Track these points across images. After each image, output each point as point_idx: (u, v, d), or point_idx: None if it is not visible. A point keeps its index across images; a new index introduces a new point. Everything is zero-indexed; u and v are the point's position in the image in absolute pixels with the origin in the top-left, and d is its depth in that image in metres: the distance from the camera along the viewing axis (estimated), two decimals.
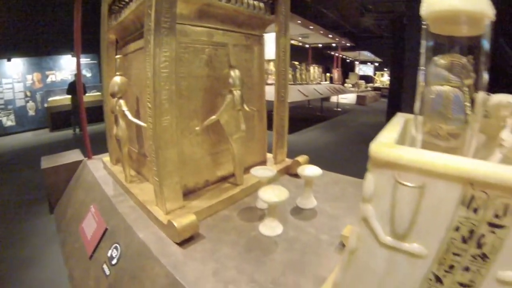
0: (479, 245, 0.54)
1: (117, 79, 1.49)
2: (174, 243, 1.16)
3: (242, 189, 1.51)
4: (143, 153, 1.66)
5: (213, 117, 1.36)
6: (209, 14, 1.40)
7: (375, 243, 0.62)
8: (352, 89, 11.98)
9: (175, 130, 1.24)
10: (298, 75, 6.87)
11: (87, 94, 6.35)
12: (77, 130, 6.30)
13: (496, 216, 0.52)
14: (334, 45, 10.35)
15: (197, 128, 1.37)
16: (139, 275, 1.12)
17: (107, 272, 1.29)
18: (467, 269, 0.57)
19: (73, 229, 1.84)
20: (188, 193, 1.44)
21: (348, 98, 11.78)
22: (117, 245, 1.33)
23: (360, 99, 11.60)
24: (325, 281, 0.91)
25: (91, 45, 4.09)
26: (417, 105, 0.68)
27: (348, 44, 10.36)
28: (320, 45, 10.37)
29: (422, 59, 0.67)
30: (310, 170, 1.37)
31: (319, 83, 7.81)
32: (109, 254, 1.33)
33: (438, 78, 0.65)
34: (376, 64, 17.74)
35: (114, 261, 1.28)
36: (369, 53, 13.48)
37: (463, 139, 0.65)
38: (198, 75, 1.40)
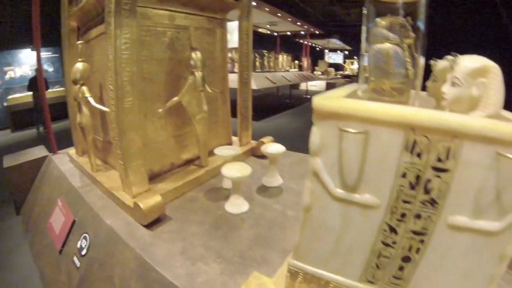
0: (427, 191, 0.56)
1: (79, 65, 1.45)
2: (142, 226, 1.16)
3: (207, 171, 1.52)
4: (108, 140, 1.62)
5: (175, 98, 1.35)
6: None
7: (327, 197, 0.63)
8: (322, 76, 12.07)
9: (138, 113, 1.22)
10: (266, 62, 6.82)
11: (49, 90, 5.96)
12: (41, 128, 5.87)
13: (439, 160, 0.54)
14: (303, 33, 10.21)
15: (160, 110, 1.34)
16: (109, 261, 1.11)
17: (78, 264, 1.26)
18: (418, 216, 0.59)
19: (41, 227, 1.78)
20: (154, 177, 1.43)
21: (317, 86, 11.94)
22: (86, 235, 1.30)
23: (330, 87, 11.72)
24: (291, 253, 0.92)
25: (52, 37, 3.83)
26: (361, 77, 0.71)
27: (317, 32, 10.32)
28: (288, 33, 10.23)
29: (364, 21, 0.68)
30: (274, 148, 1.38)
31: (288, 71, 7.79)
32: (78, 246, 1.30)
33: (379, 37, 0.67)
34: (346, 52, 17.95)
35: (83, 252, 1.26)
36: (339, 41, 13.59)
37: (407, 95, 0.67)
38: (160, 58, 1.38)
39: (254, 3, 3.72)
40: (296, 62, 9.15)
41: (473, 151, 0.52)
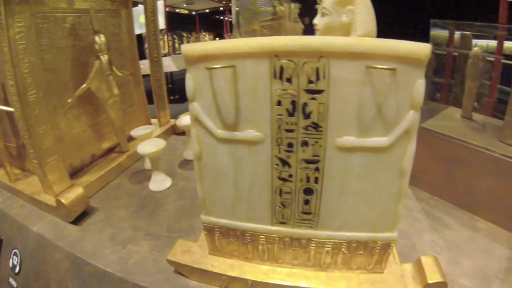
0: (307, 115, 0.55)
1: None
2: (69, 223, 1.07)
3: (128, 155, 1.44)
4: (22, 144, 1.45)
5: (84, 85, 1.24)
6: None
7: (213, 141, 0.60)
8: None
9: (46, 106, 1.11)
10: (185, 43, 6.58)
11: None
12: None
13: (311, 81, 0.52)
14: (222, 8, 9.35)
15: (69, 100, 1.22)
16: (43, 269, 1.02)
17: (14, 284, 1.15)
18: (305, 143, 0.57)
19: None
20: (76, 172, 1.32)
21: None
22: (15, 250, 1.18)
23: None
24: None
25: None
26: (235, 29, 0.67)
27: None
28: (207, 11, 9.68)
29: None
30: (188, 119, 1.32)
31: None
32: (10, 265, 1.18)
33: None
34: None
35: (17, 270, 1.14)
36: None
37: (279, 31, 0.65)
38: (63, 46, 1.25)
39: None
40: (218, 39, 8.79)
41: (342, 68, 0.51)
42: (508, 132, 1.08)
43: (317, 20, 0.64)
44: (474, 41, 1.32)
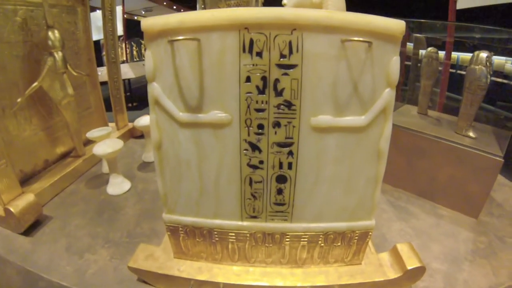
0: (279, 92, 0.47)
1: None
2: (20, 234, 0.94)
3: (85, 160, 1.30)
4: None
5: (35, 84, 1.08)
6: None
7: (175, 126, 0.52)
8: None
9: None
10: (143, 51, 6.38)
11: None
12: None
13: (283, 56, 0.45)
14: None
15: (18, 100, 1.06)
16: None
17: None
18: (278, 124, 0.50)
19: None
20: (28, 178, 1.16)
21: None
22: None
23: None
24: None
25: None
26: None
27: None
28: None
29: None
30: (147, 119, 1.22)
31: None
32: None
33: None
34: None
35: None
36: None
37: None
38: (12, 41, 1.09)
39: None
40: None
41: (316, 42, 0.45)
42: (463, 124, 1.09)
43: (286, 0, 0.57)
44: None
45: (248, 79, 0.46)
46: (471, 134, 1.08)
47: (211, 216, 0.60)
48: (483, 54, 1.04)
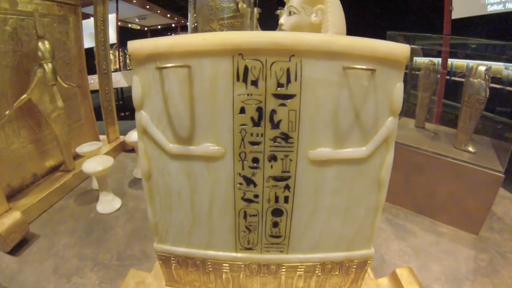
0: (275, 124, 0.43)
1: None
2: (6, 253, 0.89)
3: (75, 174, 1.25)
4: None
5: (24, 96, 1.04)
6: None
7: (165, 157, 0.47)
8: None
9: None
10: None
11: None
12: None
13: (280, 85, 0.41)
14: (173, 25, 9.52)
15: (6, 113, 1.01)
16: None
17: None
18: (274, 158, 0.45)
19: None
20: (15, 193, 1.11)
21: None
22: None
23: None
24: None
25: None
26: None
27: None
28: (159, 27, 9.33)
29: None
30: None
31: None
32: None
33: None
34: None
35: None
36: None
37: (240, 30, 0.54)
38: (2, 51, 1.05)
39: None
40: None
41: (317, 69, 0.41)
42: (462, 138, 1.06)
43: (283, 20, 0.53)
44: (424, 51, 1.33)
45: (242, 110, 0.42)
46: (470, 148, 1.05)
47: (204, 247, 0.56)
48: (482, 67, 1.01)
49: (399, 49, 0.43)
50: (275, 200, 0.49)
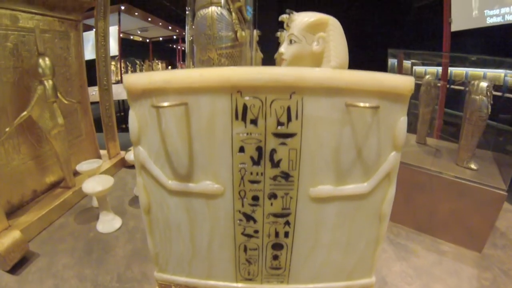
0: (275, 164, 0.42)
1: None
2: (6, 272, 0.88)
3: (75, 191, 1.22)
4: None
5: (24, 113, 1.03)
6: None
7: (163, 192, 0.46)
8: None
9: None
10: (138, 71, 6.15)
11: None
12: None
13: (280, 123, 0.40)
14: (175, 37, 8.93)
15: (7, 129, 1.00)
16: None
17: None
18: (274, 196, 0.44)
19: None
20: (15, 210, 1.09)
21: None
22: None
23: None
24: None
25: None
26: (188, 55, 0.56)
27: None
28: (160, 39, 9.28)
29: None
30: None
31: None
32: None
33: (202, 2, 0.52)
34: None
35: None
36: None
37: (240, 61, 0.53)
38: (2, 67, 1.04)
39: (123, 7, 3.34)
40: (169, 68, 8.36)
41: (318, 106, 0.40)
42: (464, 156, 1.05)
43: (284, 49, 0.52)
44: (425, 68, 1.32)
45: (241, 149, 0.41)
46: (472, 166, 1.03)
47: (204, 277, 0.55)
48: (484, 84, 0.99)
49: (403, 82, 0.42)
50: (275, 235, 0.48)
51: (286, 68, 0.39)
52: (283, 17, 0.53)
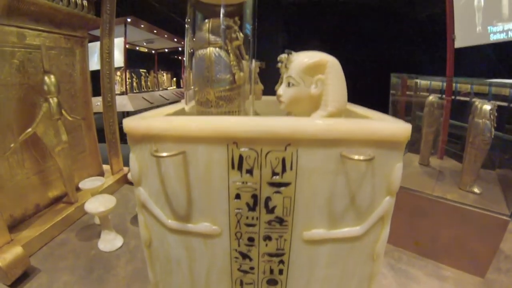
0: (270, 210, 0.43)
1: None
2: (8, 286, 0.89)
3: (77, 207, 1.25)
4: None
5: (29, 130, 1.06)
6: (20, 11, 1.08)
7: (163, 230, 0.48)
8: None
9: None
10: (143, 82, 6.25)
11: None
12: None
13: (275, 173, 0.41)
14: (180, 49, 9.65)
15: (12, 145, 1.03)
16: None
17: None
18: (268, 238, 0.45)
19: None
20: (18, 224, 1.12)
21: None
22: None
23: None
24: None
25: None
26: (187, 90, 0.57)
27: None
28: (166, 50, 9.44)
29: (189, 29, 0.56)
30: None
31: (166, 89, 7.29)
32: None
33: (201, 42, 0.54)
34: None
35: None
36: None
37: (238, 103, 0.54)
38: (9, 83, 1.07)
39: (129, 20, 3.37)
40: (174, 79, 8.46)
41: (313, 158, 0.41)
42: (467, 180, 1.04)
43: (282, 91, 0.53)
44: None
45: (237, 196, 0.42)
46: (475, 189, 1.03)
47: None
48: (487, 107, 0.99)
49: (399, 130, 0.43)
50: (270, 272, 0.49)
51: (281, 119, 0.40)
52: (282, 57, 0.54)
